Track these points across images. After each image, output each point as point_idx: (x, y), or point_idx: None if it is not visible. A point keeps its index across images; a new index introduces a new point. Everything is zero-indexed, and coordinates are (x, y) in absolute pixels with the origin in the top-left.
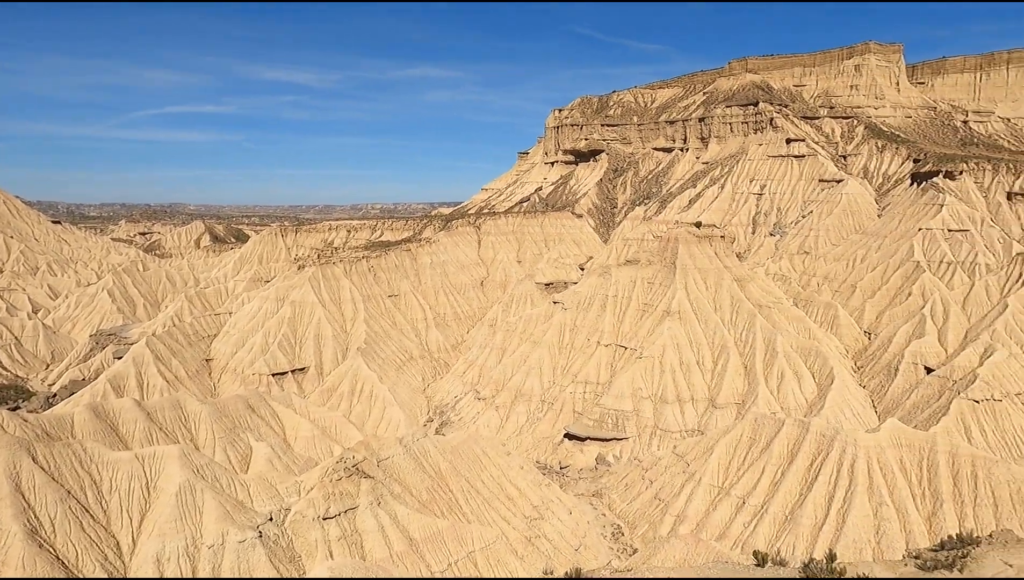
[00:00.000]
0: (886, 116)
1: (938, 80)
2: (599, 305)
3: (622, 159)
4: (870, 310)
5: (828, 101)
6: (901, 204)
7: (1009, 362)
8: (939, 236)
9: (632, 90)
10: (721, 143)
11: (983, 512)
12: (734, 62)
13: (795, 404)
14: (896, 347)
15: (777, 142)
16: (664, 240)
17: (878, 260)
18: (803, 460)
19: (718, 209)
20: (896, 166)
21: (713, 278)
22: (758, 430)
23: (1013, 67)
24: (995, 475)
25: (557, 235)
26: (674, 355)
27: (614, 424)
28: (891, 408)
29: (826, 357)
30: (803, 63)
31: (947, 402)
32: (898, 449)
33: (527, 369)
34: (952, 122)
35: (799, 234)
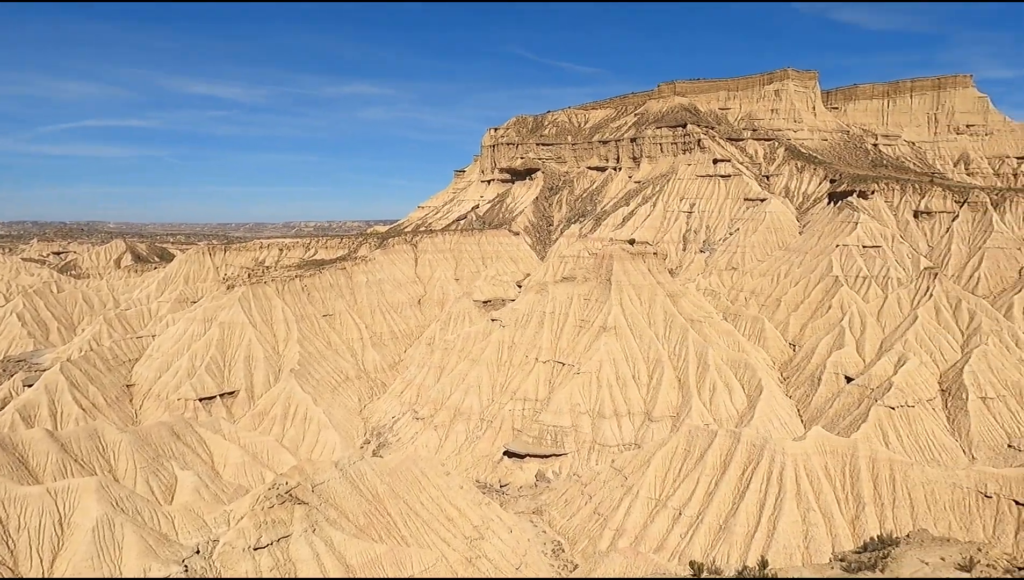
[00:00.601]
0: (804, 138)
1: (850, 105)
2: (537, 322)
3: (557, 178)
4: (794, 323)
5: (751, 124)
6: (820, 222)
7: (920, 370)
8: (855, 252)
9: (566, 110)
10: (652, 163)
11: (901, 513)
12: (663, 85)
13: (727, 415)
14: (819, 358)
15: (705, 162)
16: (599, 257)
17: (800, 275)
18: (735, 470)
19: (650, 226)
20: (815, 186)
21: (647, 294)
22: (692, 442)
23: (916, 95)
24: (911, 478)
25: (494, 253)
26: (611, 370)
27: (553, 440)
28: (816, 416)
29: (755, 369)
30: (728, 87)
31: (866, 409)
32: (823, 456)
33: (466, 387)
34: (863, 145)
35: (727, 251)
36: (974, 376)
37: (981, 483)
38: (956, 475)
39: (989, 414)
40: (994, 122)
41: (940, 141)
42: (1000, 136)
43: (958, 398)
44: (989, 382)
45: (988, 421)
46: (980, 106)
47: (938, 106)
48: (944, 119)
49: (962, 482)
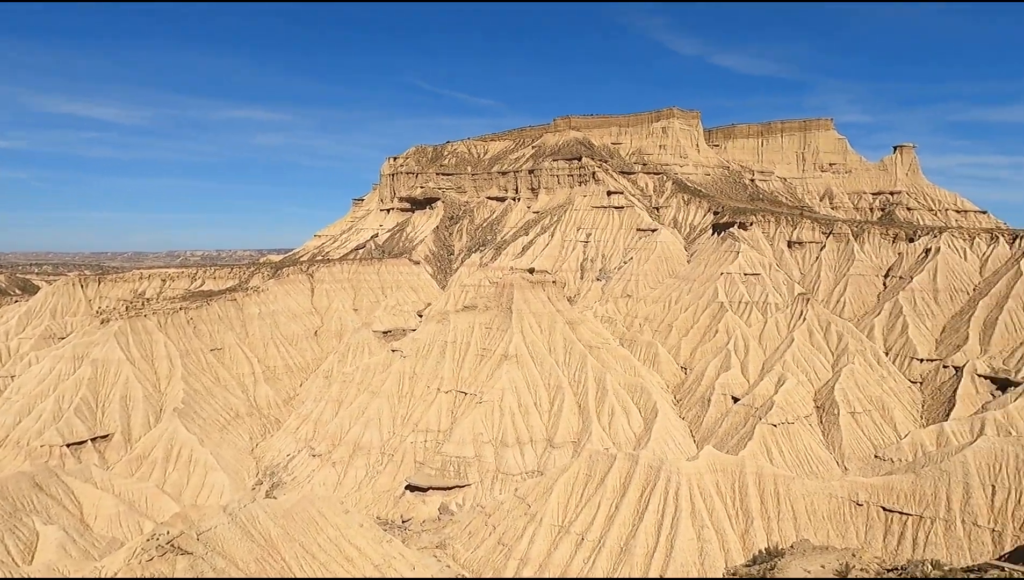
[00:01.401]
0: (690, 173)
1: (729, 143)
2: (438, 351)
3: (457, 207)
4: (685, 347)
5: (641, 158)
6: (706, 251)
7: (798, 389)
8: (737, 279)
9: (466, 141)
10: (550, 194)
11: (785, 525)
12: (559, 120)
13: (625, 438)
14: (708, 380)
15: (599, 194)
16: (500, 286)
17: (689, 301)
18: (634, 492)
19: (549, 256)
20: (700, 217)
21: (547, 322)
22: (593, 466)
23: (786, 135)
24: (793, 491)
25: (395, 282)
26: (513, 398)
27: (456, 471)
28: (707, 436)
29: (650, 392)
30: (619, 123)
31: (752, 428)
32: (714, 474)
33: (365, 420)
34: (742, 180)
35: (622, 279)
36: (844, 393)
37: (853, 492)
38: (832, 486)
39: (858, 427)
40: (852, 161)
41: (808, 177)
42: (858, 174)
43: (831, 414)
44: (856, 398)
45: (857, 434)
46: (840, 147)
47: (805, 146)
48: (810, 158)
49: (837, 492)
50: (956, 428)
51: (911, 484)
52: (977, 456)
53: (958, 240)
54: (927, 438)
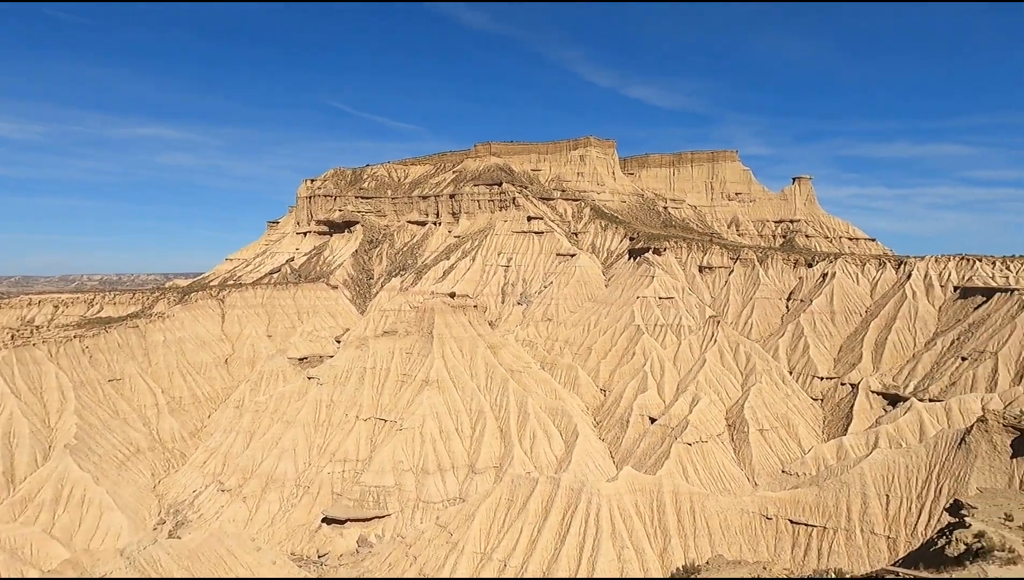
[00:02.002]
0: (606, 200)
1: (643, 172)
2: (357, 378)
3: (377, 231)
4: (604, 369)
5: (560, 185)
6: (622, 276)
7: (711, 408)
8: (652, 303)
9: (386, 165)
10: (471, 218)
11: (701, 541)
12: (480, 146)
13: (547, 462)
14: (626, 401)
15: (520, 219)
16: (421, 310)
17: (607, 324)
18: (556, 515)
19: (470, 280)
20: (617, 243)
21: (468, 346)
22: (515, 491)
23: (695, 165)
24: (707, 508)
25: (311, 307)
26: (434, 424)
27: (376, 502)
28: (626, 456)
29: (571, 415)
30: (539, 150)
31: (668, 447)
32: (633, 494)
33: (280, 451)
34: (656, 207)
35: (542, 303)
36: (753, 411)
37: (763, 507)
38: (743, 501)
39: (766, 444)
40: (756, 191)
41: (716, 206)
42: (761, 203)
43: (741, 431)
44: (764, 416)
45: (766, 450)
46: (745, 177)
47: (713, 176)
48: (718, 187)
49: (748, 507)
50: (854, 442)
51: (815, 497)
52: (872, 468)
53: (851, 265)
54: (828, 452)
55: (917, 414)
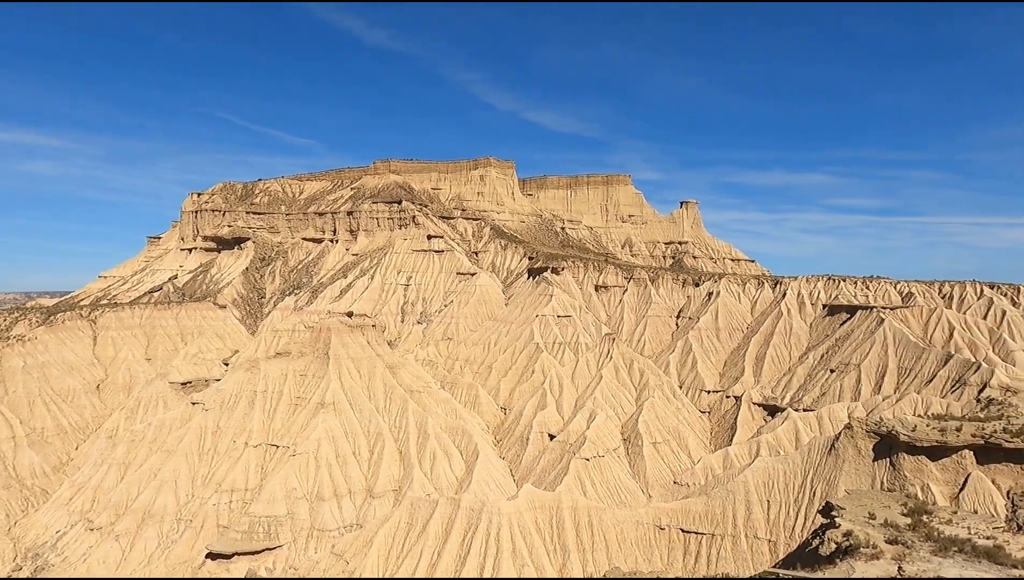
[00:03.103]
0: (506, 220)
1: (542, 193)
2: (247, 402)
3: (270, 248)
4: (504, 388)
5: (460, 204)
6: (522, 294)
7: (607, 423)
8: (551, 321)
9: (279, 180)
10: (369, 236)
11: (599, 555)
12: (379, 163)
13: (447, 483)
14: (526, 419)
15: (420, 238)
16: (317, 330)
17: (507, 343)
18: (456, 536)
19: (369, 299)
20: (516, 262)
21: (366, 366)
22: (415, 514)
23: (591, 188)
24: (605, 521)
25: (196, 328)
26: (330, 448)
27: (266, 532)
28: (526, 474)
29: (471, 435)
30: (439, 169)
31: (567, 463)
32: (533, 511)
33: (159, 484)
34: (553, 227)
35: (443, 322)
36: (646, 425)
37: (656, 518)
38: (638, 513)
39: (659, 456)
40: (648, 214)
41: (611, 227)
42: (652, 225)
43: (635, 445)
44: (657, 429)
45: (658, 462)
46: (637, 200)
47: (608, 198)
48: (612, 209)
49: (643, 519)
50: (738, 451)
51: (704, 506)
52: (754, 476)
53: (734, 285)
54: (716, 462)
55: (793, 423)
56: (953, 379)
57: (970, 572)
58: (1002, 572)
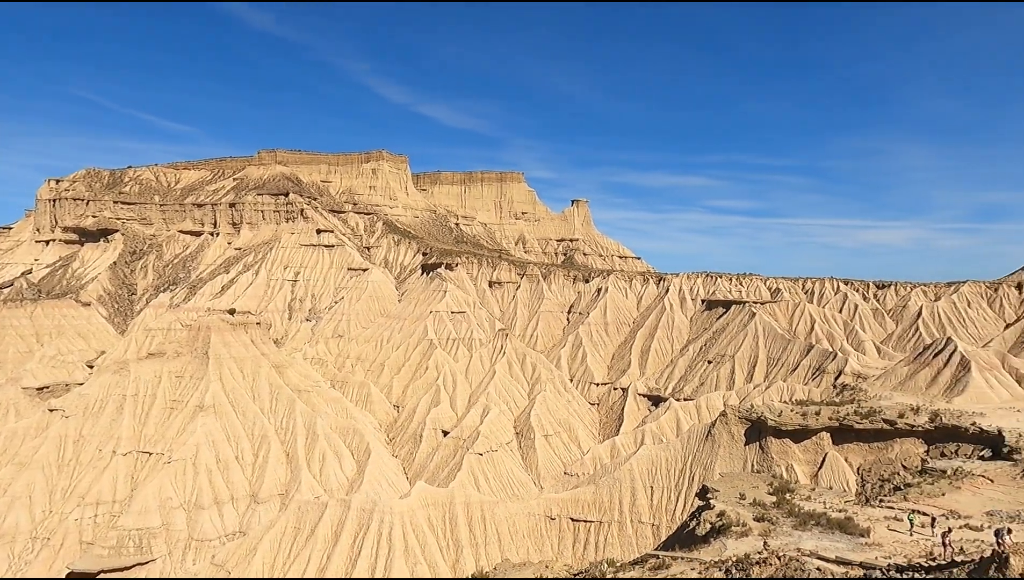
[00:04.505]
0: (399, 215)
1: (436, 188)
2: (115, 407)
3: (142, 241)
4: (397, 385)
5: (352, 198)
6: (415, 290)
7: (500, 418)
8: (445, 317)
9: (153, 168)
10: (254, 229)
11: (491, 548)
12: (264, 153)
13: (338, 484)
14: (419, 416)
15: (308, 232)
16: (195, 329)
17: (401, 340)
18: (347, 538)
19: (253, 295)
20: (410, 258)
21: (250, 366)
22: (303, 518)
23: (485, 185)
24: (497, 515)
25: (55, 327)
26: (209, 453)
27: (138, 547)
28: (420, 471)
29: (363, 434)
30: (328, 161)
31: (460, 459)
32: (426, 508)
33: (10, 500)
34: (448, 223)
35: (333, 319)
36: (538, 418)
37: (547, 508)
38: (530, 505)
39: (550, 448)
40: (540, 212)
41: (504, 224)
42: (545, 223)
43: (528, 438)
44: (549, 422)
45: (550, 454)
46: (530, 198)
47: (502, 195)
48: (506, 206)
49: (534, 510)
50: (624, 441)
51: (592, 494)
52: (639, 463)
53: (621, 281)
54: (604, 452)
55: (674, 412)
56: (814, 367)
57: (825, 542)
58: (851, 541)
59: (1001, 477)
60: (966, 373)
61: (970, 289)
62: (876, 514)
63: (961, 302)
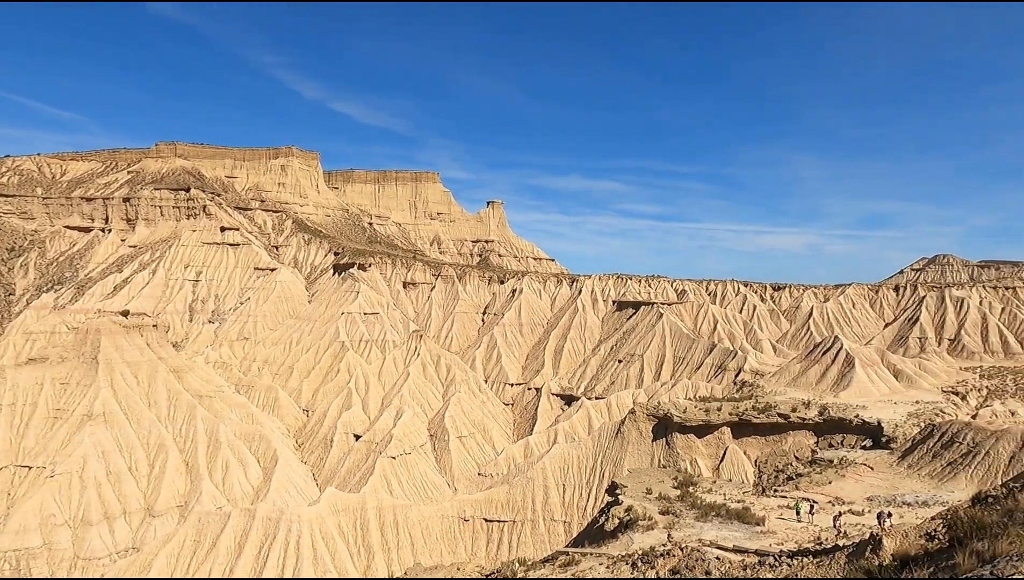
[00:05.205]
0: (310, 213)
1: (348, 187)
2: None
3: (21, 237)
4: (307, 389)
5: (259, 195)
6: (327, 291)
7: (414, 420)
8: (358, 318)
9: (35, 158)
10: (151, 226)
11: (404, 553)
12: (162, 145)
13: (242, 493)
14: (330, 420)
15: (212, 229)
16: (83, 332)
17: (311, 342)
18: (252, 549)
19: (150, 296)
20: (321, 257)
21: (146, 371)
22: (203, 530)
23: (400, 184)
24: (410, 518)
25: None
26: (99, 465)
27: (14, 569)
28: (330, 477)
29: (269, 440)
30: (234, 156)
31: (373, 463)
32: (336, 515)
33: None
34: (361, 223)
35: (238, 320)
36: (452, 420)
37: (461, 510)
38: (443, 507)
39: (464, 450)
40: (456, 212)
41: (419, 224)
42: (460, 223)
43: (442, 440)
44: (463, 423)
45: (464, 456)
46: (446, 198)
47: (417, 195)
48: (421, 206)
49: (448, 512)
50: (538, 440)
51: (506, 494)
52: (552, 462)
53: (535, 282)
54: (517, 452)
55: (586, 411)
56: (716, 365)
57: (724, 532)
58: (748, 529)
59: (880, 465)
60: (851, 369)
61: (855, 291)
62: (771, 503)
63: (847, 303)
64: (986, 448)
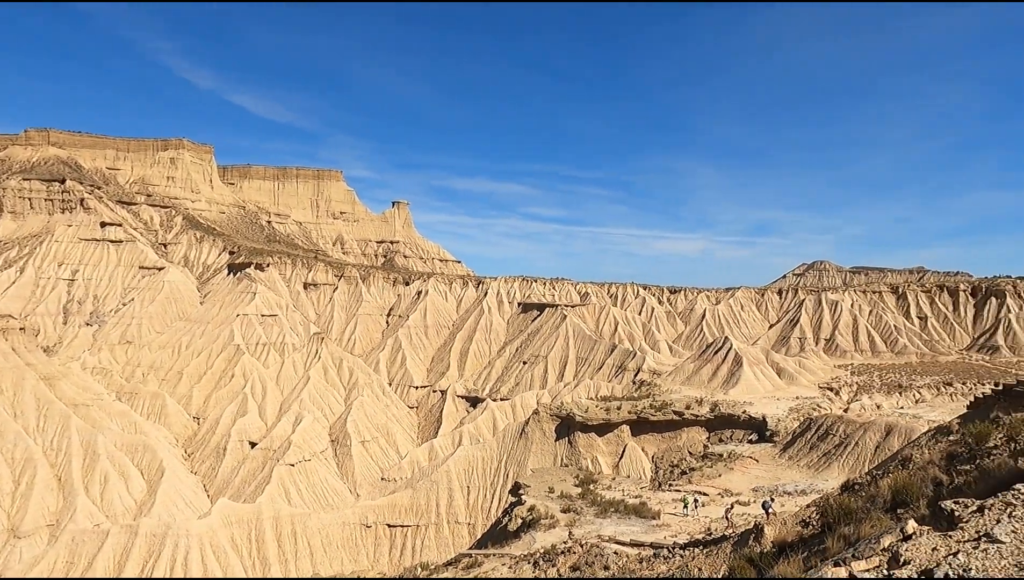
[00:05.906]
0: (203, 209)
1: (245, 183)
2: None
3: None
4: (198, 395)
5: (145, 189)
6: (221, 292)
7: (314, 426)
8: (255, 321)
9: None
10: (18, 220)
11: (303, 563)
12: (33, 131)
13: (123, 508)
14: (223, 428)
15: (90, 224)
16: None
17: (203, 345)
18: (133, 569)
19: (17, 296)
20: (215, 256)
21: (11, 379)
22: (77, 550)
23: (301, 182)
24: (309, 527)
25: None
26: None
27: None
28: (223, 487)
29: (155, 450)
30: (117, 146)
31: (270, 471)
32: (229, 527)
33: None
34: (259, 221)
35: (120, 323)
36: (355, 424)
37: (363, 516)
38: (344, 514)
39: (367, 454)
40: (360, 212)
41: (322, 223)
42: (364, 223)
43: (344, 445)
44: (366, 427)
45: (367, 461)
46: (350, 197)
47: (319, 194)
48: (324, 205)
49: (349, 519)
50: (443, 443)
51: (409, 499)
52: (456, 464)
53: (441, 284)
54: (422, 455)
55: (491, 412)
56: (617, 366)
57: (622, 527)
58: (645, 523)
59: (764, 457)
60: (739, 368)
61: (743, 294)
62: (666, 497)
63: (736, 306)
64: (855, 439)
